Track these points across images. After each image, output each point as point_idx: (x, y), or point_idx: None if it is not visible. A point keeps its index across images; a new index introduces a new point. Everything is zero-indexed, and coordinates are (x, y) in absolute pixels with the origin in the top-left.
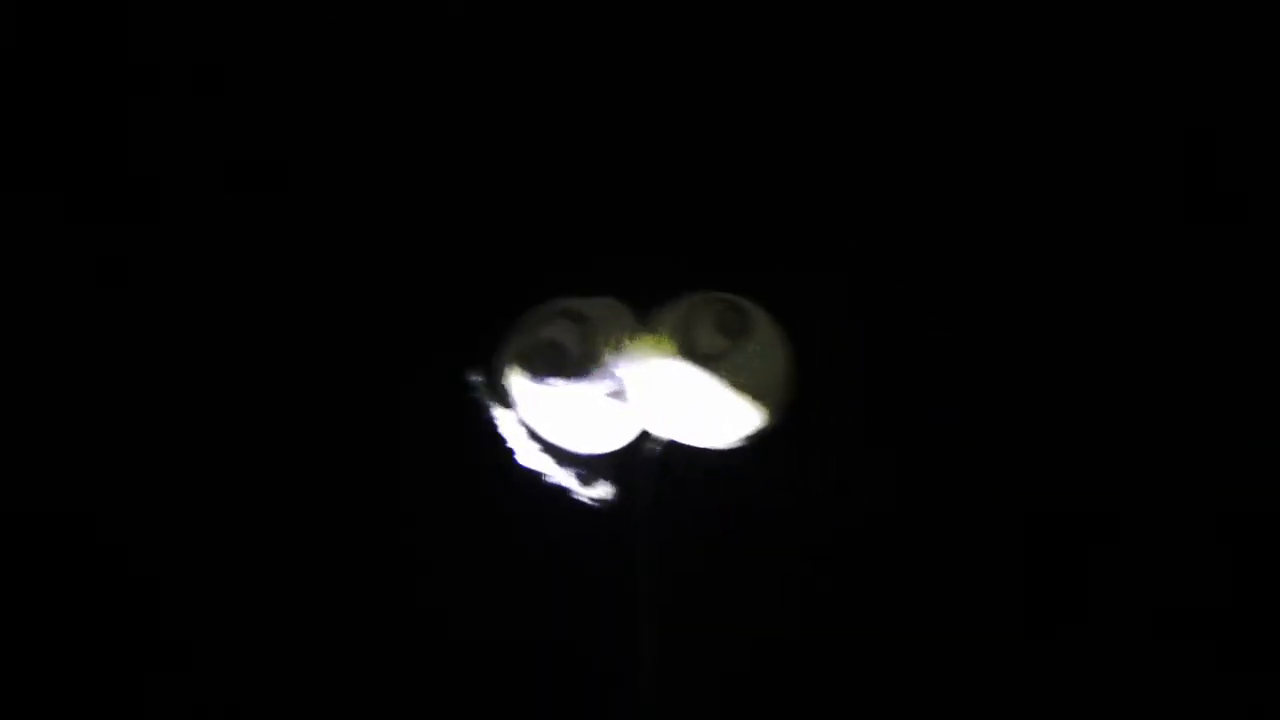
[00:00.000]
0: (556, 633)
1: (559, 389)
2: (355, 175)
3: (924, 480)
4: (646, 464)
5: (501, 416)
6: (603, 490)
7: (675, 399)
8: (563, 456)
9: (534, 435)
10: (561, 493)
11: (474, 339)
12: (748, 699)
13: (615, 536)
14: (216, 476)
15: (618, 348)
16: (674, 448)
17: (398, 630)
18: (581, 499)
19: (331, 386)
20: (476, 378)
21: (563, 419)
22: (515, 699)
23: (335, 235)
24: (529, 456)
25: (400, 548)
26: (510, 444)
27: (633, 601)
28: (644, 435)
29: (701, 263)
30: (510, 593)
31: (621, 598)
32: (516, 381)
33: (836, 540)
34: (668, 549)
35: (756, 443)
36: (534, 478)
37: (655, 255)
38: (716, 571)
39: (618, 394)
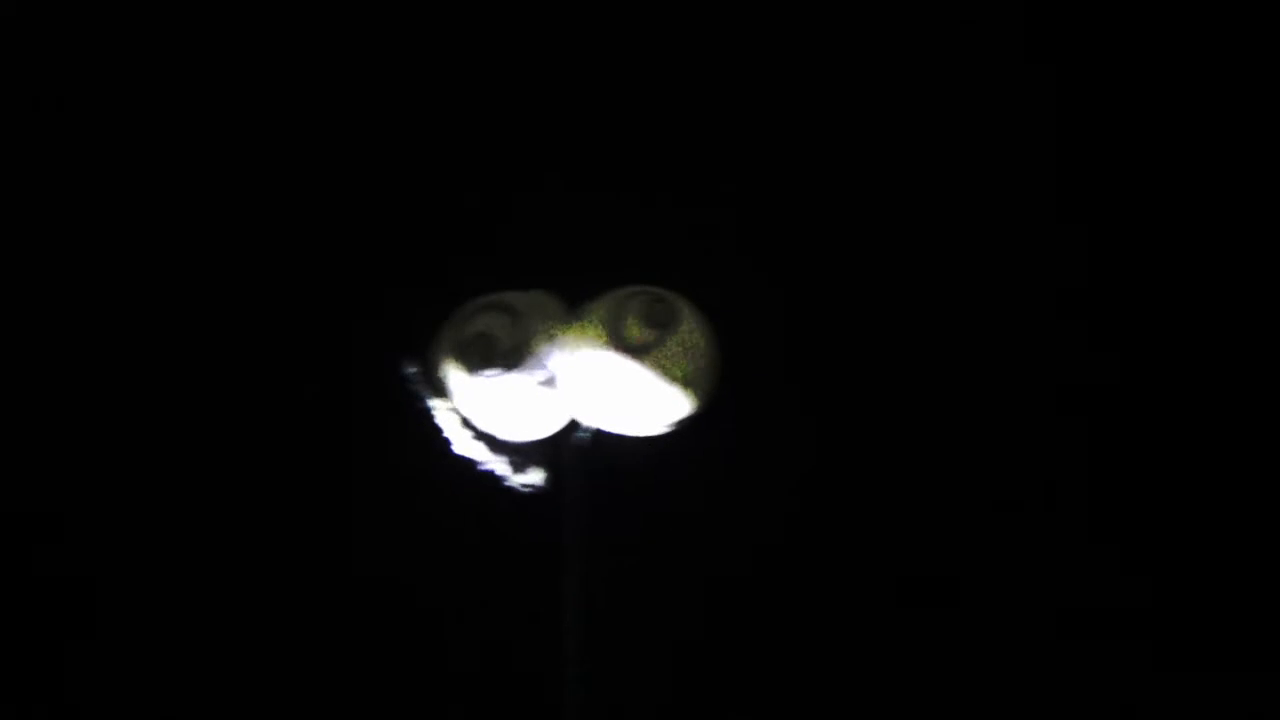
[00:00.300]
0: (490, 610)
1: (492, 379)
2: (298, 175)
3: (846, 467)
4: (576, 450)
5: (437, 406)
6: (534, 476)
7: (604, 388)
8: (496, 444)
9: (468, 423)
10: (495, 478)
11: (410, 332)
12: (675, 675)
13: (546, 519)
14: (175, 470)
15: (548, 339)
16: (603, 434)
17: (342, 604)
18: (514, 484)
19: (273, 380)
20: (413, 369)
21: (496, 407)
22: (448, 677)
23: (277, 233)
24: (464, 444)
25: (344, 528)
26: (446, 432)
27: (563, 581)
28: (574, 423)
29: (629, 257)
30: (445, 573)
31: (553, 578)
32: (451, 372)
33: (759, 525)
34: (597, 530)
35: (682, 429)
36: (469, 464)
37: (584, 250)
38: (643, 552)
39: (548, 383)
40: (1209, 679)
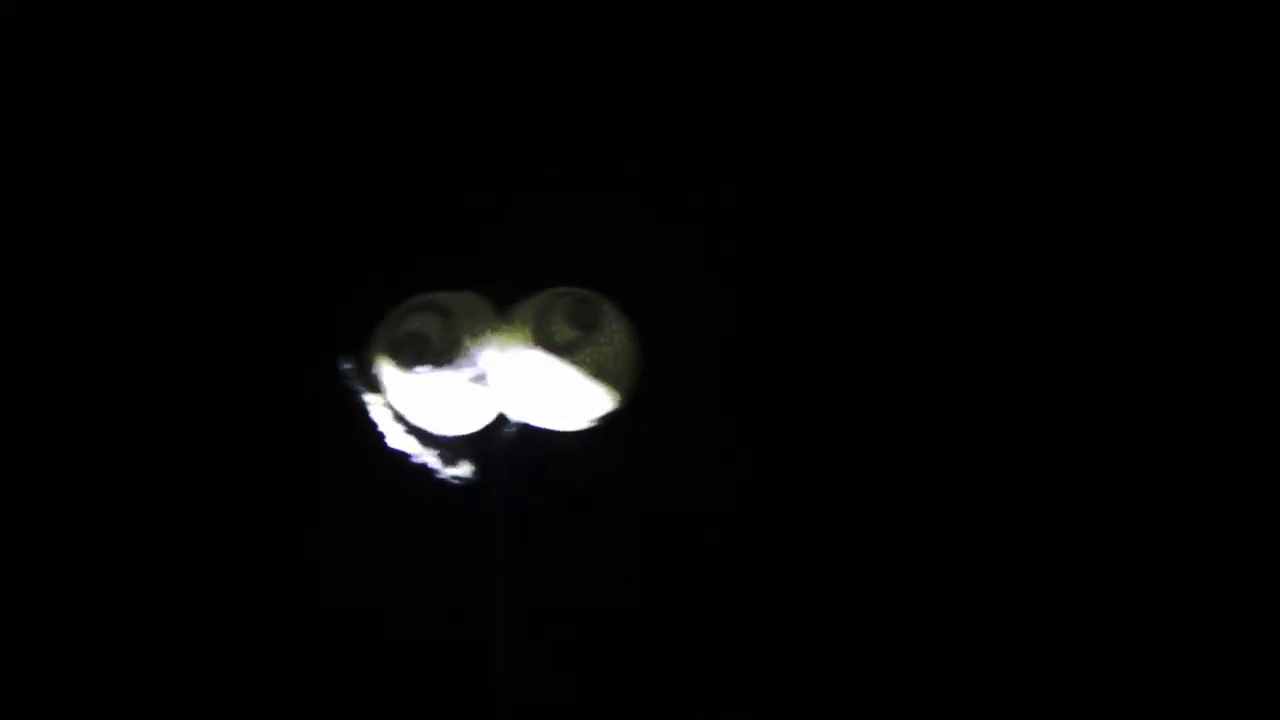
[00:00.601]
0: (420, 598)
1: (423, 376)
2: (235, 177)
3: (771, 464)
4: (503, 444)
5: (371, 401)
6: (463, 468)
7: (530, 385)
8: (427, 438)
9: (401, 418)
10: (425, 470)
11: (345, 330)
12: (597, 664)
13: (474, 510)
14: (115, 465)
15: (477, 338)
16: (529, 430)
17: (273, 599)
18: (443, 476)
19: (214, 377)
20: (348, 366)
21: (427, 403)
22: (377, 664)
23: (214, 235)
24: (396, 437)
25: (278, 522)
26: (379, 426)
27: (490, 568)
28: (501, 418)
29: (554, 259)
30: (376, 561)
31: (479, 565)
32: (385, 369)
33: (679, 516)
34: (522, 521)
35: (604, 424)
36: (401, 457)
37: (513, 253)
38: (566, 542)
39: (477, 380)
40: (1208, 679)
